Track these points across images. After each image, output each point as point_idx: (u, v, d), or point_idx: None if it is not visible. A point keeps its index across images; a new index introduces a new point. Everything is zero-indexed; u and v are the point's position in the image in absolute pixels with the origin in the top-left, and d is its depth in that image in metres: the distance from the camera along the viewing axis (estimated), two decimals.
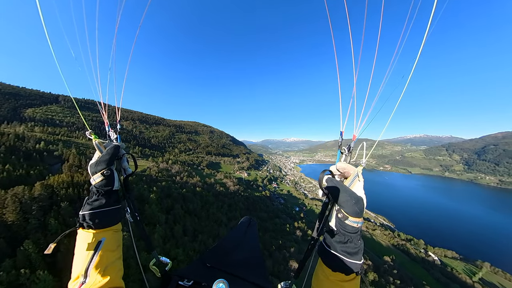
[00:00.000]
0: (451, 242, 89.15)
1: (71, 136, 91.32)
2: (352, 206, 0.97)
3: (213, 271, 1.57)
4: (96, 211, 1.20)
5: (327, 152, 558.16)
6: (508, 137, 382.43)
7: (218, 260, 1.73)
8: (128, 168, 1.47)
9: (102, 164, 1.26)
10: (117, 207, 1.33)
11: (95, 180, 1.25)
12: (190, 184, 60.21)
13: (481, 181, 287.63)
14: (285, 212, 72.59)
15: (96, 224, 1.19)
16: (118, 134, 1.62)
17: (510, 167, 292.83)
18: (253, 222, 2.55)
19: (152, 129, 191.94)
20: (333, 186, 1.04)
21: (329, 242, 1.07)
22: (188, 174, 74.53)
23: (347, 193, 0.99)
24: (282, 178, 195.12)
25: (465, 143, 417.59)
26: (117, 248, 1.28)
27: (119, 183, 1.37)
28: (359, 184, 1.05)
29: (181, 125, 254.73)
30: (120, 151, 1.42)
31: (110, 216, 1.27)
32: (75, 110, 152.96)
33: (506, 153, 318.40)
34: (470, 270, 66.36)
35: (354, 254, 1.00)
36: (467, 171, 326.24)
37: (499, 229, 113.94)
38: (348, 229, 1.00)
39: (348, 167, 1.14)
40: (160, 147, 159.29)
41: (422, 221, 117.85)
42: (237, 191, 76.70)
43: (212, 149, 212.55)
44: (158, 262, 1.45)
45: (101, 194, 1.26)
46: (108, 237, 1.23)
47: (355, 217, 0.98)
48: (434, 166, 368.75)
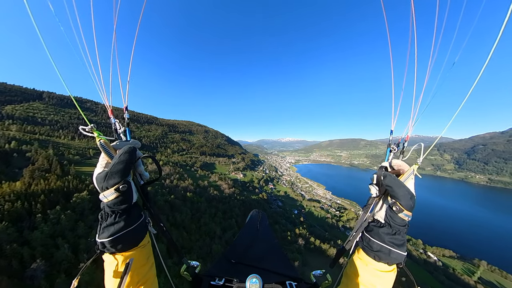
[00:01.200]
0: (446, 240, 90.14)
1: (52, 135, 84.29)
2: (409, 200, 1.02)
3: (239, 266, 1.57)
4: (115, 236, 1.00)
5: (322, 152, 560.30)
6: (496, 137, 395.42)
7: (242, 255, 1.75)
8: (145, 173, 1.18)
9: (116, 177, 0.96)
10: (139, 222, 1.11)
11: (107, 198, 0.98)
12: (181, 188, 54.96)
13: (472, 179, 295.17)
14: (284, 216, 68.35)
15: (120, 249, 1.03)
16: (127, 126, 1.20)
17: (498, 166, 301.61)
18: (263, 215, 2.58)
19: (143, 128, 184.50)
20: (391, 181, 1.07)
21: (375, 233, 1.12)
22: (180, 176, 69.24)
23: (405, 189, 1.03)
24: (279, 178, 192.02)
25: (455, 143, 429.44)
26: (147, 260, 1.17)
27: (137, 194, 1.13)
28: (412, 182, 1.09)
29: (175, 124, 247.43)
30: (136, 154, 1.10)
31: (134, 235, 1.08)
32: (60, 107, 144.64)
33: (495, 153, 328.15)
34: (469, 269, 65.97)
35: (400, 245, 1.06)
36: (458, 170, 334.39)
37: (491, 227, 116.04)
38: (399, 221, 1.06)
39: (403, 165, 1.16)
40: (152, 147, 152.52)
41: (417, 220, 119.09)
42: (232, 195, 71.59)
43: (206, 149, 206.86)
44: (189, 267, 1.41)
45: (117, 215, 1.02)
46: (136, 256, 1.09)
47: (409, 210, 1.04)
48: (426, 165, 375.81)
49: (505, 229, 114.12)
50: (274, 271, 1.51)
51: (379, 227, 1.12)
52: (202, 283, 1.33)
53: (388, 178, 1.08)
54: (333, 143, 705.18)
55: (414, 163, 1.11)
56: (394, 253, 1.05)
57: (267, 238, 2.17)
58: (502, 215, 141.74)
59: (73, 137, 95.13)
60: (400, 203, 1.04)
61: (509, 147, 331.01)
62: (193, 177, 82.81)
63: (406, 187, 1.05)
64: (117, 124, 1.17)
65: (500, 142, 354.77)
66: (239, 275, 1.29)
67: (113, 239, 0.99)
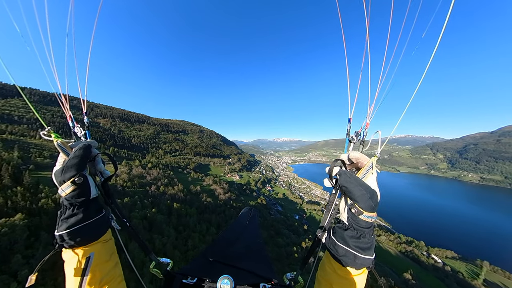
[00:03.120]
0: (445, 239, 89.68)
1: (26, 135, 75.23)
2: (367, 200, 0.91)
3: (216, 265, 1.55)
4: (74, 228, 0.99)
5: (318, 152, 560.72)
6: (486, 137, 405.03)
7: (221, 253, 1.72)
8: (105, 170, 1.24)
9: (71, 170, 1.00)
10: (99, 216, 1.12)
11: (65, 191, 1.00)
12: (168, 196, 46.49)
13: (464, 178, 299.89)
14: (286, 224, 61.91)
15: (79, 242, 1.01)
16: (87, 129, 1.31)
17: (489, 165, 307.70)
18: (254, 212, 2.55)
19: (134, 127, 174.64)
20: (346, 178, 0.96)
21: (340, 237, 1.01)
22: (169, 181, 61.14)
23: (362, 187, 0.93)
24: (276, 179, 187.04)
25: (447, 142, 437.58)
26: (111, 256, 1.13)
27: (97, 190, 1.15)
28: (372, 176, 0.99)
29: (168, 123, 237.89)
30: (92, 150, 1.16)
31: (94, 229, 1.07)
32: (42, 105, 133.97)
33: (486, 152, 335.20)
34: (472, 271, 63.73)
35: (366, 249, 0.95)
36: (451, 169, 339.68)
37: (487, 226, 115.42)
38: (362, 224, 0.95)
39: (362, 157, 1.06)
40: (142, 148, 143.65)
41: (416, 220, 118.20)
42: (228, 201, 63.73)
43: (201, 149, 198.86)
44: (158, 264, 1.35)
45: (75, 207, 1.03)
46: (97, 250, 1.07)
47: (370, 212, 0.93)
48: (420, 164, 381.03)
49: (501, 227, 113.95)
50: (250, 271, 1.46)
51: (344, 229, 1.01)
52: (174, 281, 1.27)
53: (343, 177, 0.98)
54: (328, 143, 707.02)
55: (373, 155, 1.01)
56: (359, 258, 0.95)
57: (252, 236, 2.13)
58: (496, 214, 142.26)
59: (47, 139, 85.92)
60: (358, 205, 0.94)
61: (499, 147, 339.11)
62: (185, 181, 74.98)
63: (364, 185, 0.94)
64: (76, 129, 1.27)
65: (490, 142, 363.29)
66: (213, 275, 1.23)
67: (71, 231, 0.98)
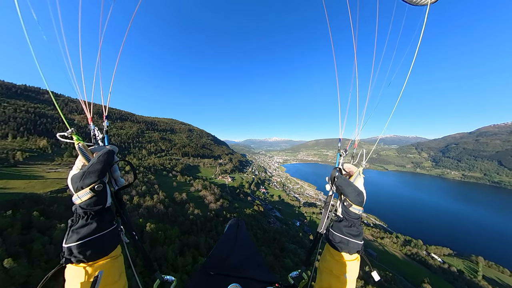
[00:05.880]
0: (438, 235, 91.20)
1: None
2: (356, 196, 1.24)
3: (218, 278, 1.55)
4: (86, 240, 0.92)
5: (309, 152, 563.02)
6: (465, 137, 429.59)
7: (220, 266, 1.74)
8: (120, 179, 1.19)
9: (92, 176, 0.95)
10: (113, 228, 1.06)
11: (81, 198, 0.94)
12: (144, 209, 35.86)
13: (448, 175, 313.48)
14: (289, 234, 53.75)
15: (88, 256, 0.93)
16: (106, 133, 1.27)
17: (470, 163, 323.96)
18: (241, 223, 2.60)
19: (114, 125, 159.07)
20: (341, 182, 1.29)
21: (336, 227, 1.31)
22: (147, 188, 49.72)
23: (352, 187, 1.25)
24: (269, 180, 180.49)
25: (430, 142, 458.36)
26: (120, 277, 1.06)
27: (111, 199, 1.10)
28: (360, 180, 1.31)
29: (154, 121, 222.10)
30: (114, 157, 1.13)
31: (105, 242, 1.01)
32: (5, 97, 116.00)
33: (466, 151, 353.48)
34: (470, 267, 63.94)
35: (356, 236, 1.25)
36: (435, 167, 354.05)
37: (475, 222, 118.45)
38: (352, 215, 1.26)
39: (352, 167, 1.41)
40: (122, 148, 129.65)
41: (408, 217, 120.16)
42: (220, 211, 52.82)
43: (190, 149, 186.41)
44: (163, 282, 1.33)
45: (90, 216, 0.97)
46: (107, 268, 0.98)
47: (357, 205, 1.25)
48: (407, 163, 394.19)
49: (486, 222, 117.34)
50: (253, 278, 1.51)
51: (339, 221, 1.30)
52: None
53: (339, 179, 1.31)
54: (319, 142, 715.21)
55: (360, 166, 1.37)
56: (351, 243, 1.23)
57: (245, 246, 2.14)
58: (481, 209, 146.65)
59: (5, 135, 71.58)
60: (349, 199, 1.26)
61: (477, 146, 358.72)
62: (169, 187, 63.82)
63: (353, 186, 1.26)
64: (95, 131, 1.21)
65: (469, 141, 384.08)
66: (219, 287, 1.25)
67: (82, 243, 0.91)
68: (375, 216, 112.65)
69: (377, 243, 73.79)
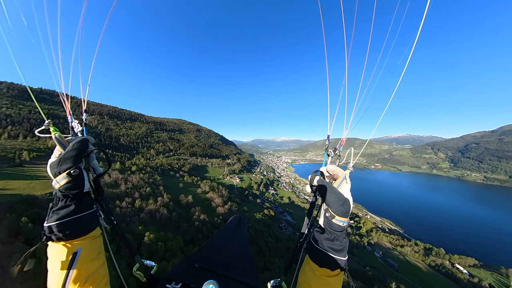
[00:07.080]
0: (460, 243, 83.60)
1: None
2: (339, 206, 1.03)
3: (201, 271, 1.53)
4: (64, 220, 0.98)
5: (317, 151, 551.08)
6: (487, 136, 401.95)
7: (207, 260, 1.71)
8: (99, 167, 1.25)
9: (68, 162, 1.01)
10: (91, 211, 1.11)
11: (59, 183, 1.00)
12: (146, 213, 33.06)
13: (468, 177, 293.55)
14: None
15: (67, 235, 0.98)
16: (84, 125, 1.33)
17: (493, 164, 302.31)
18: (243, 221, 2.54)
19: (124, 125, 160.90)
20: (322, 186, 1.09)
21: (318, 238, 1.12)
22: (152, 190, 47.31)
23: (335, 194, 1.05)
24: (278, 181, 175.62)
25: (448, 142, 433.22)
26: (98, 255, 1.11)
27: (89, 185, 1.16)
28: (346, 186, 1.12)
29: (163, 122, 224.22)
30: (88, 146, 1.19)
31: (84, 223, 1.06)
32: (21, 100, 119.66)
33: (488, 151, 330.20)
34: (499, 281, 56.57)
35: (339, 251, 1.06)
36: (454, 169, 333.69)
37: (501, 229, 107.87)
38: (335, 227, 1.06)
39: (337, 170, 1.20)
40: (131, 148, 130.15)
41: (426, 222, 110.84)
42: (228, 216, 48.63)
43: (198, 149, 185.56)
44: (142, 266, 1.33)
45: (68, 199, 1.03)
46: (85, 246, 1.04)
47: (341, 216, 1.04)
48: (422, 164, 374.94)
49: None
50: (235, 279, 1.45)
51: (321, 233, 1.12)
52: (157, 285, 1.25)
53: (319, 183, 1.13)
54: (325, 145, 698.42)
55: (347, 168, 1.16)
56: (333, 259, 1.05)
57: (239, 244, 2.11)
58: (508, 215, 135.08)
59: (16, 136, 72.61)
60: (331, 209, 1.06)
61: (501, 146, 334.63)
62: (175, 189, 61.32)
63: (337, 193, 1.06)
64: (74, 124, 1.29)
65: (492, 141, 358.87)
66: (198, 281, 1.21)
67: (61, 223, 0.97)
68: (390, 221, 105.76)
69: (397, 252, 67.57)
